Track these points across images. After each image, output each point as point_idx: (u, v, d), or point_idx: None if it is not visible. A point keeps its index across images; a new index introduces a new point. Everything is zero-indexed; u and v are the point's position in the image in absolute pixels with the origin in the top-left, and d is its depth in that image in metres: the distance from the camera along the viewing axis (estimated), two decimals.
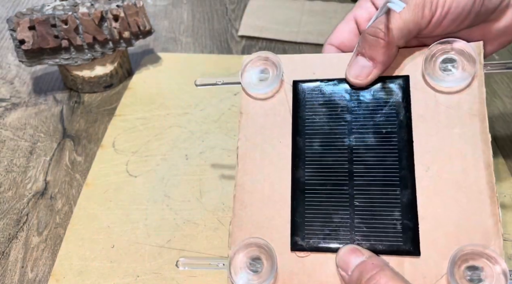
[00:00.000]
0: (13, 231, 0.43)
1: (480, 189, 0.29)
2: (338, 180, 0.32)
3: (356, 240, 0.30)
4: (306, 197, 0.32)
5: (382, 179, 0.31)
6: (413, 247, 0.29)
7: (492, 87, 0.59)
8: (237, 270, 0.31)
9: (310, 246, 0.31)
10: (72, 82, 0.58)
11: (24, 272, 0.40)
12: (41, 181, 0.48)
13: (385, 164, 0.31)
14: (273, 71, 0.35)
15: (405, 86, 0.32)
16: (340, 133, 0.33)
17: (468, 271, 0.28)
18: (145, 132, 0.53)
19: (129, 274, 0.39)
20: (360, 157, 0.32)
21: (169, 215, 0.44)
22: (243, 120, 0.34)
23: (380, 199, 0.31)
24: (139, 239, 0.42)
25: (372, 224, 0.30)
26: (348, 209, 0.31)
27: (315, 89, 0.34)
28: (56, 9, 0.54)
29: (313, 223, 0.31)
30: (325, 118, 0.33)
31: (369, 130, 0.32)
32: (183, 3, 0.79)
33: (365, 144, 0.32)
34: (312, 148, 0.33)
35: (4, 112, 0.56)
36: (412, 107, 0.32)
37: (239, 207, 0.33)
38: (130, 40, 0.58)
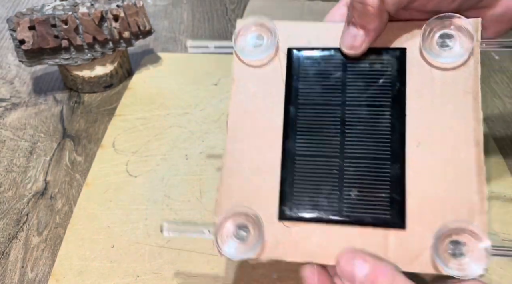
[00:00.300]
0: (13, 231, 0.43)
1: (469, 166, 0.30)
2: (329, 152, 0.32)
3: (343, 211, 0.30)
4: (296, 167, 0.32)
5: (373, 152, 0.31)
6: (399, 220, 0.30)
7: (492, 87, 0.59)
8: (224, 238, 0.30)
9: (298, 216, 0.31)
10: (72, 82, 0.59)
11: (24, 272, 0.40)
12: (41, 181, 0.48)
13: (376, 138, 0.31)
14: (268, 38, 0.33)
15: (401, 58, 0.32)
16: (333, 104, 0.32)
17: (451, 245, 0.28)
18: (145, 132, 0.53)
19: (129, 274, 0.39)
20: (352, 130, 0.32)
21: (169, 215, 0.44)
22: (235, 87, 0.34)
23: (370, 172, 0.31)
24: (139, 239, 0.42)
25: (361, 196, 0.31)
26: (338, 181, 0.31)
27: (310, 58, 0.33)
28: (56, 9, 0.54)
29: (302, 193, 0.31)
30: (319, 88, 0.33)
31: (363, 103, 0.32)
32: (183, 3, 0.79)
33: (358, 116, 0.32)
34: (304, 119, 0.32)
35: (4, 112, 0.56)
36: (407, 81, 0.31)
37: (228, 175, 0.32)
38: (130, 40, 0.58)
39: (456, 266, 0.28)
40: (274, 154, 0.32)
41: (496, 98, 0.57)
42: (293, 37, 0.34)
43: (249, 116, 0.33)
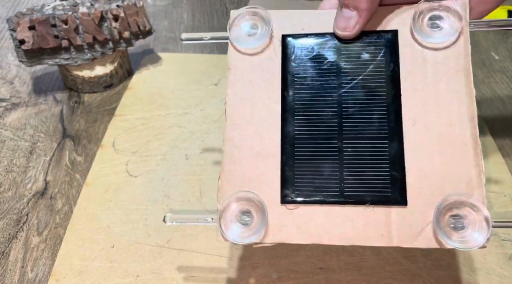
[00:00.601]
0: (13, 231, 0.43)
1: (465, 141, 0.30)
2: (327, 134, 0.32)
3: (344, 192, 0.31)
4: (296, 151, 0.32)
5: (370, 132, 0.32)
6: (400, 197, 0.30)
7: (492, 87, 0.59)
8: (228, 224, 0.31)
9: (300, 199, 0.31)
10: (72, 82, 0.59)
11: (24, 272, 0.40)
12: (41, 181, 0.48)
13: (373, 118, 0.32)
14: (262, 26, 0.34)
15: (394, 40, 0.33)
16: (329, 88, 0.33)
17: (452, 219, 0.29)
18: (145, 132, 0.53)
19: (129, 274, 0.39)
20: (349, 111, 0.32)
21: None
22: (232, 76, 0.34)
23: (369, 152, 0.31)
24: (139, 239, 0.42)
25: (361, 176, 0.31)
26: (338, 162, 0.32)
27: (304, 44, 0.34)
28: (56, 9, 0.54)
29: (303, 176, 0.32)
30: (314, 73, 0.33)
31: (358, 85, 0.33)
32: (183, 3, 0.79)
33: (354, 98, 0.32)
34: (301, 103, 0.33)
35: (4, 112, 0.56)
36: (400, 62, 0.32)
37: (229, 161, 0.33)
38: (130, 40, 0.58)
39: (459, 239, 0.28)
40: (274, 139, 0.33)
41: (496, 98, 0.57)
42: (286, 25, 0.34)
43: (247, 103, 0.34)
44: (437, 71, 0.32)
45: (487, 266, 0.39)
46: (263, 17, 0.34)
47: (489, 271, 0.38)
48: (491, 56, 0.64)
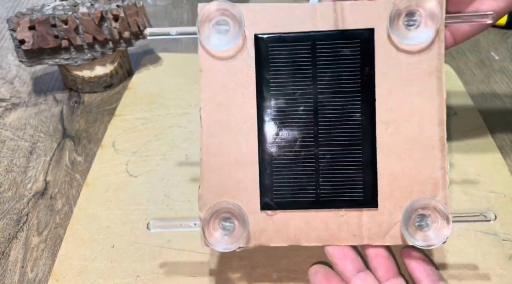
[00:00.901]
0: (13, 231, 0.43)
1: (433, 144, 0.32)
2: (304, 141, 0.33)
3: (320, 197, 0.32)
4: (273, 158, 0.33)
5: (345, 138, 0.32)
6: (371, 201, 0.32)
7: (492, 87, 0.59)
8: (211, 232, 0.32)
9: (279, 205, 0.33)
10: (72, 82, 0.59)
11: (24, 272, 0.40)
12: (41, 181, 0.48)
13: (348, 124, 0.32)
14: (234, 25, 0.32)
15: (370, 40, 0.32)
16: (305, 93, 0.32)
17: (417, 218, 0.31)
18: (145, 132, 0.53)
19: (129, 274, 0.39)
20: (325, 118, 0.32)
21: (169, 215, 0.44)
22: (204, 79, 0.33)
23: (343, 157, 0.32)
24: (139, 239, 0.42)
25: (335, 181, 0.32)
26: (314, 169, 0.33)
27: (278, 45, 0.32)
28: (56, 9, 0.54)
29: (281, 182, 0.33)
30: (290, 77, 0.32)
31: (334, 89, 0.32)
32: (183, 3, 0.79)
33: (329, 104, 0.32)
34: (277, 109, 0.33)
35: (4, 112, 0.56)
36: (375, 64, 0.32)
37: (207, 170, 0.33)
38: (130, 40, 0.58)
39: (422, 237, 0.31)
40: (251, 146, 0.33)
41: (496, 98, 0.57)
42: (260, 21, 0.33)
43: (222, 109, 0.33)
44: (411, 73, 0.32)
45: (487, 266, 0.39)
46: (235, 15, 0.32)
47: (489, 271, 0.38)
48: (491, 56, 0.64)
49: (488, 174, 0.46)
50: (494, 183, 0.45)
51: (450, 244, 0.40)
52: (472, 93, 0.57)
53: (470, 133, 0.51)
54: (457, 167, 0.47)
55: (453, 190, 0.45)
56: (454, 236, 0.41)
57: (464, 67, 0.62)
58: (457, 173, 0.47)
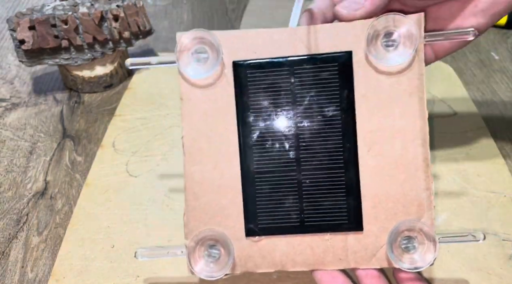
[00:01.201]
0: (13, 231, 0.43)
1: (417, 166, 0.31)
2: (286, 167, 0.32)
3: (305, 221, 0.32)
4: (257, 184, 0.32)
5: (327, 163, 0.32)
6: (356, 224, 0.32)
7: (492, 87, 0.59)
8: (196, 259, 0.32)
9: (263, 231, 0.32)
10: (72, 82, 0.59)
11: (24, 272, 0.40)
12: (41, 181, 0.48)
13: (329, 148, 0.32)
14: (212, 53, 0.32)
15: (348, 63, 0.31)
16: (285, 118, 0.32)
17: (404, 240, 0.31)
18: (145, 132, 0.53)
19: (129, 274, 0.39)
20: (306, 143, 0.32)
21: (169, 215, 0.44)
22: (185, 108, 0.33)
23: (326, 181, 0.32)
24: (139, 239, 0.42)
25: (319, 206, 0.32)
26: (297, 194, 0.32)
27: (257, 71, 0.32)
28: (56, 9, 0.54)
29: (265, 208, 0.32)
30: (270, 102, 0.32)
31: (314, 114, 0.32)
32: (183, 3, 0.79)
33: (310, 129, 0.32)
34: (258, 135, 0.32)
35: (4, 112, 0.56)
36: (354, 86, 0.32)
37: (192, 198, 0.33)
38: (130, 40, 0.58)
39: (408, 260, 0.30)
40: (234, 173, 0.33)
41: (496, 98, 0.57)
42: (237, 48, 0.32)
43: (204, 137, 0.33)
44: (391, 94, 0.31)
45: (487, 266, 0.39)
46: (212, 43, 0.32)
47: (489, 271, 0.38)
48: (491, 56, 0.64)
49: (488, 174, 0.46)
50: (494, 183, 0.45)
51: (450, 244, 0.40)
52: (472, 93, 0.57)
53: (470, 133, 0.51)
54: (457, 167, 0.47)
55: (453, 190, 0.45)
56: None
57: (464, 67, 0.62)
58: (457, 173, 0.47)
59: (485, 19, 0.33)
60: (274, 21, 0.72)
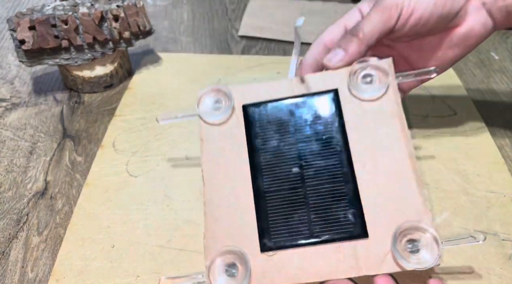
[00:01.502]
0: (13, 231, 0.43)
1: (408, 175, 0.35)
2: (292, 185, 0.37)
3: (314, 233, 0.35)
4: (268, 203, 0.36)
5: (328, 178, 0.36)
6: (362, 231, 0.34)
7: (492, 87, 0.59)
8: (216, 277, 0.34)
9: (277, 245, 0.35)
10: (72, 82, 0.59)
11: (24, 272, 0.40)
12: (41, 181, 0.48)
13: (329, 166, 0.37)
14: (225, 101, 0.40)
15: (336, 98, 0.38)
16: (288, 144, 0.38)
17: (408, 244, 0.33)
18: (145, 132, 0.53)
19: (130, 274, 0.39)
20: (308, 162, 0.37)
21: (169, 215, 0.44)
22: (204, 146, 0.39)
23: (329, 195, 0.36)
24: (140, 239, 0.42)
25: (326, 217, 0.35)
26: (304, 208, 0.36)
27: (262, 110, 0.39)
28: (56, 9, 0.54)
29: (277, 225, 0.36)
30: (274, 133, 0.39)
31: (312, 139, 0.38)
32: (183, 3, 0.79)
33: (310, 151, 0.37)
34: (267, 161, 0.38)
35: (4, 112, 0.56)
36: (344, 116, 0.38)
37: (211, 221, 0.37)
38: (130, 40, 0.58)
39: (415, 260, 0.32)
40: (247, 196, 0.37)
41: (496, 98, 0.57)
42: (245, 96, 0.40)
43: (220, 168, 0.38)
44: (376, 119, 0.37)
45: (487, 266, 0.39)
46: (225, 93, 0.40)
47: (489, 271, 0.38)
48: (491, 56, 0.64)
49: (488, 174, 0.46)
50: (494, 183, 0.46)
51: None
52: (472, 93, 0.58)
53: (470, 133, 0.51)
54: (457, 167, 0.47)
55: (453, 190, 0.45)
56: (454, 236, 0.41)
57: (464, 67, 0.62)
58: (457, 173, 0.47)
59: (461, 50, 0.41)
60: (274, 21, 0.72)
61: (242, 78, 0.60)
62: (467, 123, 0.53)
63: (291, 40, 0.68)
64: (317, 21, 0.72)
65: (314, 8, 0.76)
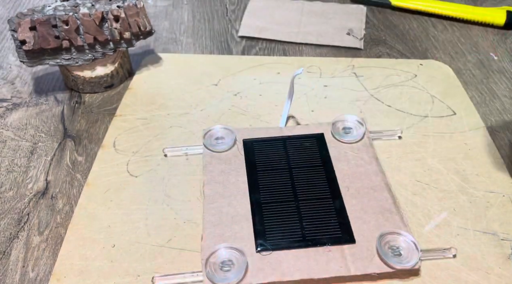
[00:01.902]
0: (14, 230, 0.43)
1: (385, 199, 0.43)
2: (286, 198, 0.43)
3: (306, 237, 0.40)
4: (264, 211, 0.42)
5: (318, 194, 0.43)
6: (349, 237, 0.40)
7: (491, 87, 0.59)
8: (212, 273, 0.37)
9: (272, 246, 0.39)
10: (73, 83, 0.59)
11: (25, 272, 0.40)
12: (42, 181, 0.48)
13: (318, 185, 0.44)
14: (228, 136, 0.49)
15: (322, 138, 0.49)
16: (282, 169, 0.46)
17: (390, 249, 0.39)
18: (146, 132, 0.53)
19: (130, 274, 0.39)
20: (300, 184, 0.44)
21: (170, 215, 0.44)
22: (208, 168, 0.46)
23: (319, 207, 0.42)
24: (140, 239, 0.42)
25: (317, 224, 0.41)
26: (297, 216, 0.41)
27: (261, 143, 0.49)
28: (57, 9, 0.55)
29: (272, 229, 0.40)
30: (270, 160, 0.47)
31: (303, 165, 0.46)
32: (183, 4, 0.79)
33: (302, 174, 0.45)
34: (263, 180, 0.45)
35: (5, 112, 0.57)
36: (329, 153, 0.47)
37: (209, 226, 0.41)
38: (131, 40, 0.58)
39: (398, 261, 0.37)
40: (244, 207, 0.42)
41: (496, 98, 0.57)
42: (246, 135, 0.50)
43: (220, 185, 0.45)
44: (356, 158, 0.47)
45: (487, 266, 0.39)
46: (229, 130, 0.50)
47: (489, 271, 0.38)
48: (490, 57, 0.65)
49: (487, 174, 0.47)
50: (493, 183, 0.46)
51: (450, 244, 0.40)
52: (471, 93, 0.58)
53: (470, 133, 0.51)
54: (457, 167, 0.47)
55: (452, 190, 0.45)
56: (453, 236, 0.41)
57: (463, 68, 0.62)
58: (456, 173, 0.47)
59: None
60: (274, 21, 0.73)
61: (242, 78, 0.60)
62: (466, 123, 0.53)
63: (291, 41, 0.68)
64: (316, 21, 0.72)
65: (314, 8, 0.76)
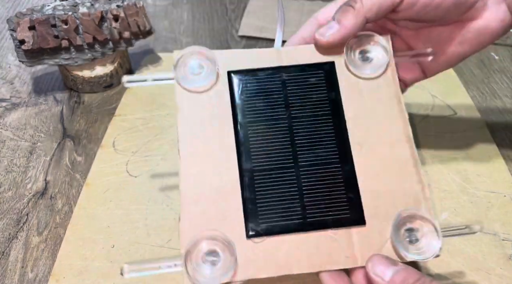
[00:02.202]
0: (13, 231, 0.43)
1: (405, 160, 0.33)
2: (284, 164, 0.33)
3: (307, 218, 0.32)
4: (256, 184, 0.32)
5: (323, 157, 0.33)
6: (358, 218, 0.32)
7: (492, 87, 0.59)
8: (194, 267, 0.30)
9: (265, 231, 0.31)
10: (72, 82, 0.59)
11: (24, 272, 0.40)
12: (41, 181, 0.48)
13: (324, 144, 0.33)
14: (207, 65, 0.34)
15: (332, 71, 0.35)
16: (280, 119, 0.34)
17: (407, 233, 0.31)
18: (145, 132, 0.53)
19: None
20: (301, 140, 0.33)
21: (169, 215, 0.44)
22: (181, 115, 0.34)
23: (324, 177, 0.33)
24: (139, 239, 0.42)
25: (320, 200, 0.32)
26: (297, 190, 0.32)
27: (250, 78, 0.35)
28: (56, 9, 0.54)
29: (266, 207, 0.32)
30: (264, 106, 0.34)
31: (306, 114, 0.34)
32: (183, 3, 0.79)
33: (304, 127, 0.34)
34: (255, 136, 0.33)
35: (4, 112, 0.56)
36: (340, 90, 0.35)
37: (188, 202, 0.32)
38: (130, 40, 0.58)
39: (415, 251, 0.30)
40: (232, 174, 0.32)
41: (496, 98, 0.57)
42: (231, 63, 0.35)
43: (200, 141, 0.33)
44: (373, 99, 0.34)
45: (487, 266, 0.39)
46: (208, 57, 0.34)
47: (489, 271, 0.38)
48: (491, 56, 0.64)
49: (488, 174, 0.46)
50: (494, 183, 0.46)
51: (450, 244, 0.40)
52: (472, 93, 0.58)
53: (470, 133, 0.51)
54: (457, 167, 0.47)
55: (453, 190, 0.45)
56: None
57: (464, 67, 0.62)
58: (457, 173, 0.47)
59: (472, 47, 0.37)
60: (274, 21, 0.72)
61: None
62: (467, 123, 0.53)
63: None
64: None
65: (314, 8, 0.75)
